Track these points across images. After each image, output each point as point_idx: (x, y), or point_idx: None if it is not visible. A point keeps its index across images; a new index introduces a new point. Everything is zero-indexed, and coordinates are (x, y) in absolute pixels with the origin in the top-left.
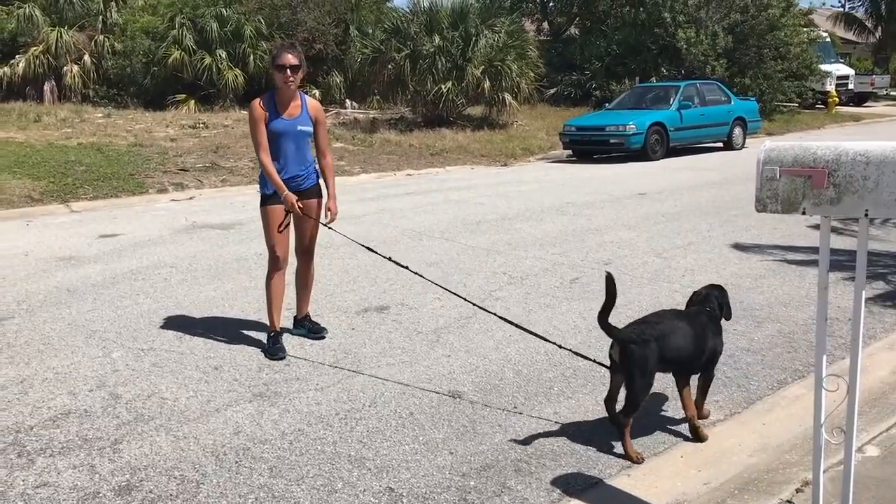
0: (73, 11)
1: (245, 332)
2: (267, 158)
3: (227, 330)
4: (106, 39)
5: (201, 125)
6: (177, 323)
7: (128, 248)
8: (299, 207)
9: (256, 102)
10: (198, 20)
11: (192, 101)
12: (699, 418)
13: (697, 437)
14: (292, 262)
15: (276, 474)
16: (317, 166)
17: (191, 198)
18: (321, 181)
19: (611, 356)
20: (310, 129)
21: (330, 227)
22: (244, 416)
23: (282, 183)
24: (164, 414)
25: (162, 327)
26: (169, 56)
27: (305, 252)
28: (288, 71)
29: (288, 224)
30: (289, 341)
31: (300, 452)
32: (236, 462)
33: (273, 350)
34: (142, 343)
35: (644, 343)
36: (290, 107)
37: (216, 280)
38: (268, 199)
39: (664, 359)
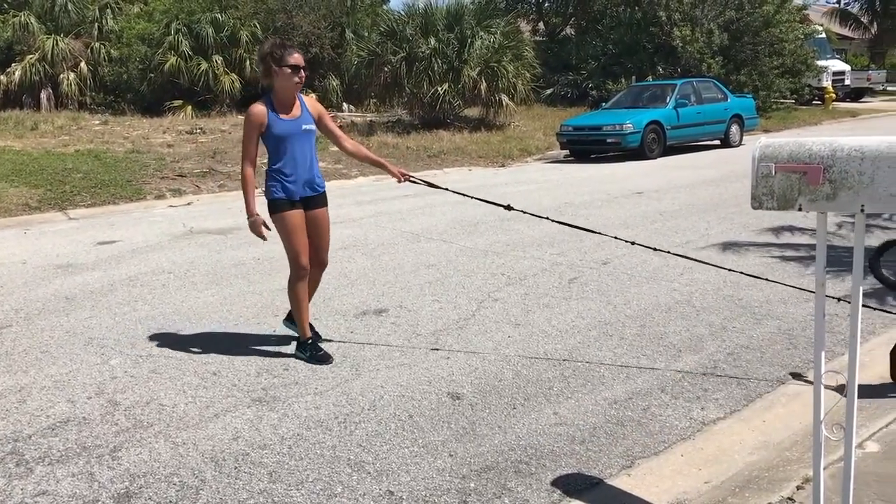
0: (68, 19)
1: (244, 337)
2: (251, 172)
3: (225, 335)
4: (102, 46)
5: (198, 131)
6: (175, 329)
7: (126, 254)
8: (266, 230)
9: (257, 107)
10: (193, 26)
11: (189, 107)
12: None
13: None
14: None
15: (275, 479)
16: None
17: (188, 203)
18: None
19: None
20: (314, 128)
21: (416, 180)
22: (243, 422)
23: (253, 204)
24: (163, 420)
25: (160, 333)
26: (165, 62)
27: (321, 264)
28: (302, 71)
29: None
30: (288, 346)
31: (299, 457)
32: (235, 467)
33: (319, 357)
34: (140, 350)
35: None
36: (292, 108)
37: (214, 285)
38: (280, 204)
39: None
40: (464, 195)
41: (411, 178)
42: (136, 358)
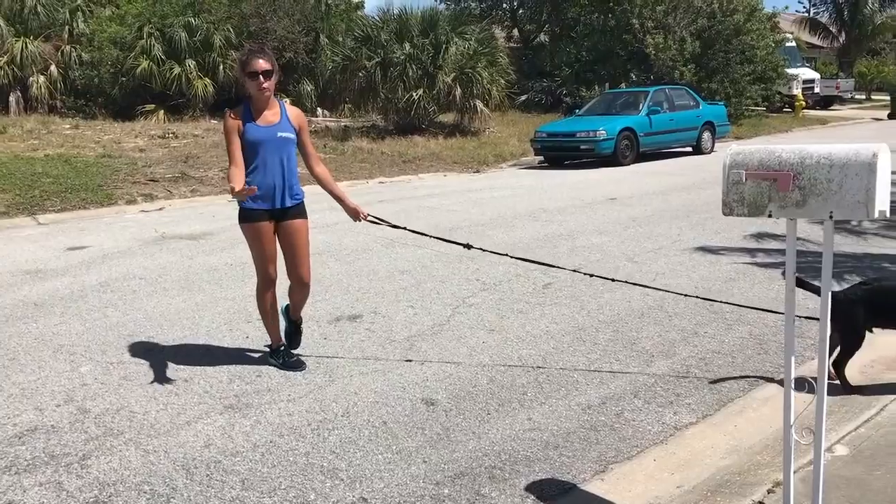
0: (38, 21)
1: (216, 343)
2: (236, 169)
3: (197, 342)
4: (73, 49)
5: (171, 135)
6: (146, 335)
7: (96, 260)
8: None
9: (229, 112)
10: (166, 30)
11: (162, 111)
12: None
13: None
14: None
15: (247, 487)
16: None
17: (160, 208)
18: (334, 194)
19: None
20: (292, 136)
21: (375, 220)
22: (215, 429)
23: (240, 178)
24: (134, 428)
25: (131, 340)
26: (137, 66)
27: (299, 280)
28: (261, 77)
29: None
30: (261, 353)
31: (272, 464)
32: (207, 475)
33: (292, 363)
34: (111, 356)
35: (848, 301)
36: (268, 114)
37: (186, 291)
38: (250, 214)
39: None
40: (423, 234)
41: (370, 218)
42: (107, 365)
